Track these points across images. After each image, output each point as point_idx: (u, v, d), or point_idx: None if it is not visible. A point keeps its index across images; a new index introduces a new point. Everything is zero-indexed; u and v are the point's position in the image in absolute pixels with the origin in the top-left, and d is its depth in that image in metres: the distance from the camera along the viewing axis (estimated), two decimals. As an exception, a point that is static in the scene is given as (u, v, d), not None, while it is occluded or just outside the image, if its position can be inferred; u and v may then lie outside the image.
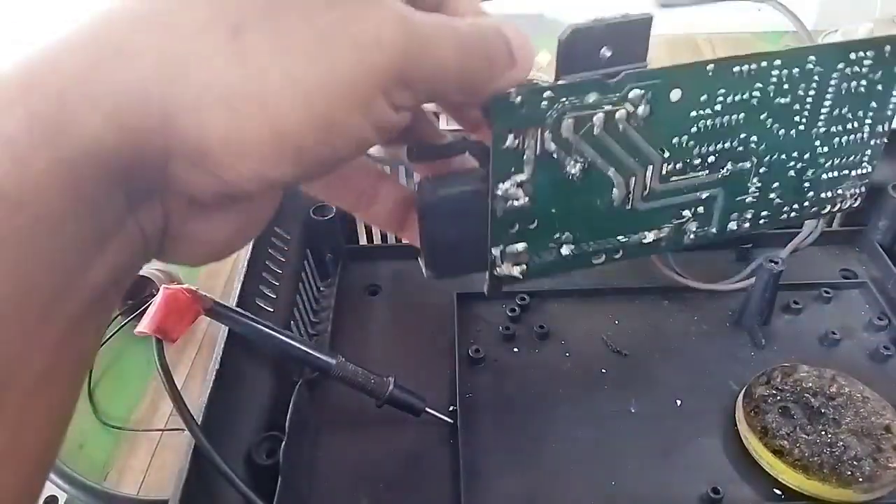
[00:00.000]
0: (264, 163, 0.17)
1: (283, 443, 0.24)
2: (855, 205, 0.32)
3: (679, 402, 0.30)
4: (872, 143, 0.30)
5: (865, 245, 0.36)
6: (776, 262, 0.30)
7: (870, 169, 0.31)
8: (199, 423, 0.23)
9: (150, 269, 0.62)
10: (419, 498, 0.27)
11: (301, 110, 0.16)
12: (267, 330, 0.26)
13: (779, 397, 0.28)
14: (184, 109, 0.16)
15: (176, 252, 0.18)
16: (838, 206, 0.31)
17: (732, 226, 0.30)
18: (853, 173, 0.31)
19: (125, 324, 0.31)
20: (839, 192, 0.31)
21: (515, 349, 0.32)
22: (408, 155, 0.25)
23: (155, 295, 0.24)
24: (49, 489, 0.31)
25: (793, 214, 0.31)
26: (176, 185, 0.17)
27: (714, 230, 0.30)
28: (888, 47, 0.28)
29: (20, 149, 0.14)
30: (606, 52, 0.24)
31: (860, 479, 0.25)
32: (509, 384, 0.31)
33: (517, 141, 0.24)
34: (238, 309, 0.26)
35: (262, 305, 0.29)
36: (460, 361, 0.31)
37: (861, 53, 0.28)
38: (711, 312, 0.33)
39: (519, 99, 0.23)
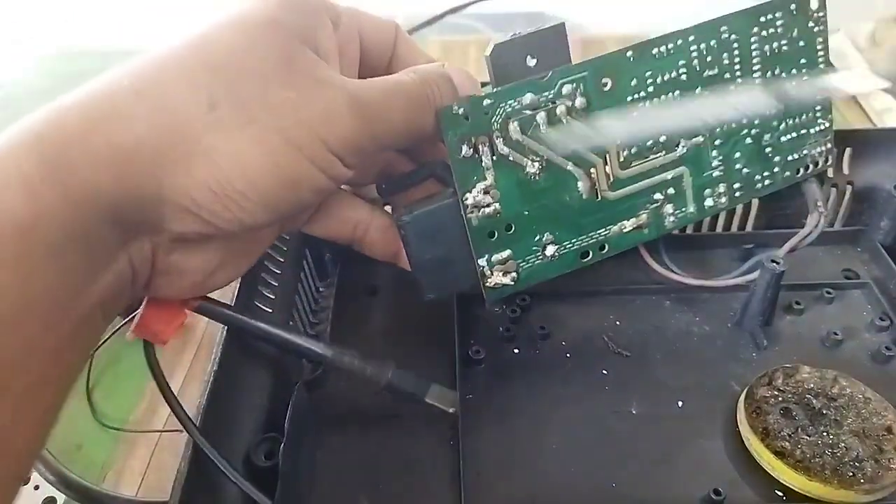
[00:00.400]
0: (242, 210, 0.20)
1: (283, 444, 0.24)
2: (827, 164, 0.32)
3: (680, 403, 0.29)
4: (819, 97, 0.31)
5: (867, 245, 0.36)
6: (778, 263, 0.30)
7: (828, 124, 0.32)
8: (197, 424, 0.23)
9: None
10: (419, 498, 0.27)
11: (269, 169, 0.20)
12: (256, 323, 0.26)
13: (780, 398, 0.28)
14: (173, 164, 0.19)
15: (163, 284, 0.21)
16: (810, 167, 0.32)
17: (709, 202, 0.30)
18: (812, 131, 0.31)
19: (122, 325, 0.31)
20: (804, 152, 0.32)
21: (516, 350, 0.32)
22: (378, 192, 0.27)
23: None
24: (47, 490, 0.30)
25: (767, 182, 0.31)
26: (164, 225, 0.19)
27: (693, 209, 0.30)
28: (793, 5, 0.29)
29: (34, 185, 0.17)
30: (531, 61, 0.26)
31: (862, 481, 0.25)
32: (510, 385, 0.30)
33: (471, 150, 0.25)
34: (225, 303, 0.25)
35: (261, 306, 0.29)
36: (460, 361, 0.31)
37: (770, 16, 0.29)
38: (713, 313, 0.33)
39: (462, 110, 0.24)
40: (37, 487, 0.30)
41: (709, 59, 0.28)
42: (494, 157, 0.26)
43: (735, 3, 0.29)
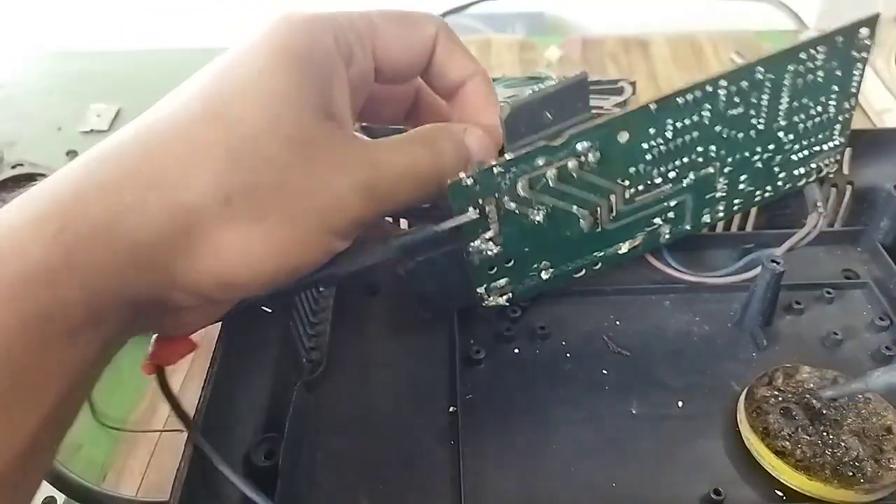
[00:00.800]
0: (240, 293, 0.22)
1: (283, 444, 0.24)
2: (832, 172, 0.31)
3: (680, 403, 0.29)
4: (840, 118, 0.29)
5: (867, 245, 0.36)
6: (778, 262, 0.30)
7: (843, 140, 0.30)
8: (197, 424, 0.23)
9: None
10: (419, 498, 0.27)
11: (274, 261, 0.21)
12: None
13: (780, 398, 0.28)
14: (184, 258, 0.20)
15: (168, 331, 0.23)
16: (814, 175, 0.31)
17: (706, 218, 0.30)
18: (825, 147, 0.30)
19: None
20: (812, 165, 0.31)
21: (516, 350, 0.32)
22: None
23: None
24: (47, 490, 0.30)
25: (767, 195, 0.30)
26: (172, 302, 0.21)
27: (688, 226, 0.30)
28: (840, 38, 0.27)
29: (59, 277, 0.18)
30: (549, 115, 0.24)
31: (862, 481, 0.25)
32: (510, 385, 0.30)
33: (477, 210, 0.25)
34: None
35: (260, 306, 0.29)
36: (460, 361, 0.31)
37: (812, 51, 0.27)
38: (713, 313, 0.33)
39: (471, 181, 0.24)
40: (37, 487, 0.30)
41: (736, 99, 0.26)
42: (501, 213, 0.25)
43: (734, 3, 0.29)
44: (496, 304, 0.28)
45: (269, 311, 0.28)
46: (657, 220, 0.28)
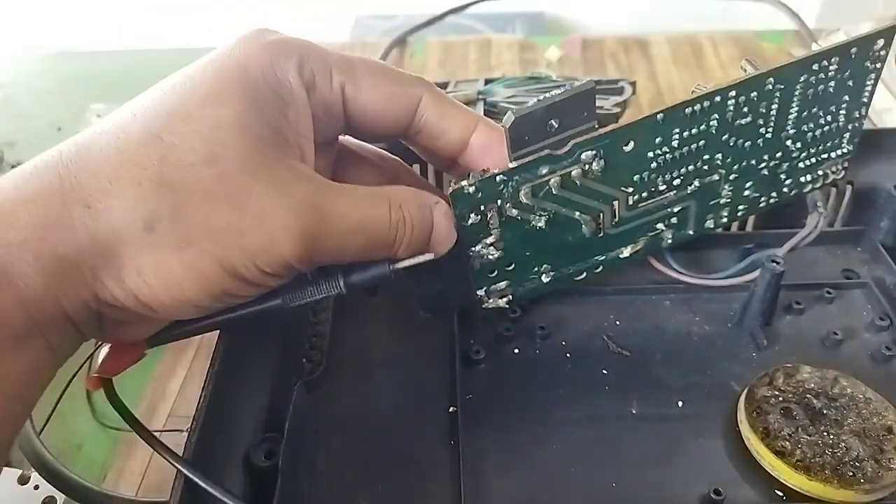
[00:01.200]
0: (168, 314, 0.21)
1: (283, 444, 0.24)
2: (839, 177, 0.31)
3: (680, 403, 0.29)
4: (850, 126, 0.29)
5: (867, 245, 0.36)
6: (778, 262, 0.30)
7: (851, 148, 0.30)
8: (197, 424, 0.23)
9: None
10: (419, 498, 0.27)
11: (194, 288, 0.20)
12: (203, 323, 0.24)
13: (781, 398, 0.28)
14: (107, 277, 0.20)
15: (117, 336, 0.23)
16: (820, 182, 0.31)
17: (709, 224, 0.30)
18: (833, 155, 0.30)
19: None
20: (819, 172, 0.30)
21: (516, 350, 0.32)
22: None
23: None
24: (47, 490, 0.30)
25: (772, 201, 0.30)
26: (108, 317, 0.21)
27: (691, 231, 0.29)
28: (854, 49, 0.26)
29: None
30: (554, 123, 0.23)
31: (862, 481, 0.25)
32: (510, 385, 0.30)
33: (479, 217, 0.25)
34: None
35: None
36: (460, 361, 0.31)
37: (825, 62, 0.26)
38: (713, 313, 0.33)
39: (473, 189, 0.24)
40: (37, 487, 0.30)
41: (745, 109, 0.26)
42: (503, 219, 0.25)
43: (734, 3, 0.29)
44: (496, 306, 0.28)
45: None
46: (660, 226, 0.28)
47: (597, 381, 0.31)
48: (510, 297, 0.28)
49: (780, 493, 0.26)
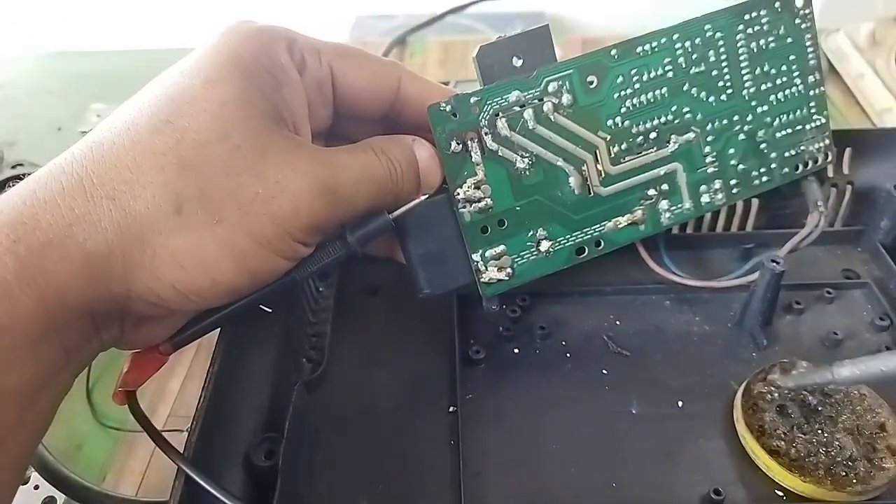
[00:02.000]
0: (204, 301, 0.21)
1: (283, 444, 0.24)
2: (827, 161, 0.32)
3: (681, 403, 0.29)
4: (811, 93, 0.31)
5: (867, 245, 0.36)
6: (778, 262, 0.30)
7: (823, 120, 0.32)
8: (198, 425, 0.23)
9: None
10: (419, 498, 0.27)
11: (233, 265, 0.21)
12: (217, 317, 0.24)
13: (777, 394, 0.28)
14: (140, 268, 0.20)
15: (134, 343, 0.23)
16: (809, 163, 0.32)
17: (706, 199, 0.30)
18: (808, 127, 0.31)
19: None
20: (801, 148, 0.32)
21: (516, 350, 0.32)
22: None
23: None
24: (47, 490, 0.30)
25: (764, 179, 0.31)
26: (133, 312, 0.21)
27: (689, 206, 0.30)
28: (777, 3, 0.29)
29: (11, 288, 0.18)
30: (517, 62, 0.26)
31: (854, 482, 0.25)
32: (510, 385, 0.30)
33: (460, 145, 0.26)
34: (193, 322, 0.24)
35: (261, 306, 0.29)
36: (460, 361, 0.31)
37: (755, 13, 0.29)
38: (713, 313, 0.33)
39: (449, 108, 0.25)
40: (37, 487, 0.30)
41: (694, 56, 0.29)
42: (484, 153, 0.26)
43: (734, 3, 0.29)
44: (494, 279, 0.27)
45: (269, 311, 0.28)
46: (652, 192, 0.29)
47: (597, 380, 0.31)
48: (510, 269, 0.28)
49: (779, 493, 0.26)
